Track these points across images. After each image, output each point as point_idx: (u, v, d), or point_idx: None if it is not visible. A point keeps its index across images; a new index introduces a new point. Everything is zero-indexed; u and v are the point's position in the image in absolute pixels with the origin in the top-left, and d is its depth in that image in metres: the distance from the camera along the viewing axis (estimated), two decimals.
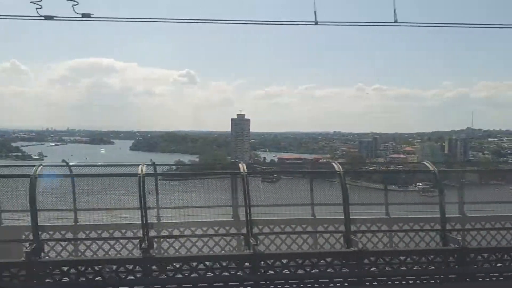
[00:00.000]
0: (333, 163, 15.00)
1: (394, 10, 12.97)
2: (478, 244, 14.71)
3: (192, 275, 12.04)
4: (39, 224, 12.65)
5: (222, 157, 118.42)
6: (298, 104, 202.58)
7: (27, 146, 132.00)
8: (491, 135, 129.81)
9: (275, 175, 20.13)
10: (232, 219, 14.48)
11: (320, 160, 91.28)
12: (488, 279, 13.06)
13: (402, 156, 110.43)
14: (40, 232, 12.76)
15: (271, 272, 12.35)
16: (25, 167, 17.11)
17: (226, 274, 12.15)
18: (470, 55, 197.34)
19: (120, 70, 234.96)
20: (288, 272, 12.38)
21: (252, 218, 13.02)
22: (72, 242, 13.95)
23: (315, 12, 12.67)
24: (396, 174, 30.36)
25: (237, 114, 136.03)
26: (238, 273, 12.26)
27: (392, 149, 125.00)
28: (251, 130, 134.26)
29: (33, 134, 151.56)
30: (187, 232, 14.11)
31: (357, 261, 12.67)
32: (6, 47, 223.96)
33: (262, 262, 12.37)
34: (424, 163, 15.60)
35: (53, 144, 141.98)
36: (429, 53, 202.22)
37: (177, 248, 13.85)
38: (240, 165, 13.89)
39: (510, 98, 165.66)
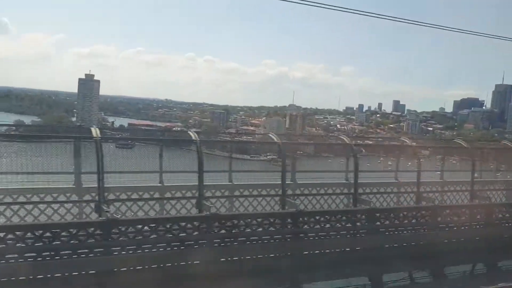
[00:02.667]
0: (189, 132, 15.61)
1: None
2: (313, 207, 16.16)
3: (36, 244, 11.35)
4: None
5: (67, 119, 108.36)
6: (127, 67, 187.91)
7: None
8: (317, 113, 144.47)
9: (130, 141, 19.12)
10: (74, 186, 13.58)
11: (174, 129, 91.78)
12: (317, 238, 14.80)
13: (251, 128, 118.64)
14: None
15: (123, 238, 12.19)
16: None
17: (76, 241, 11.74)
18: (289, 37, 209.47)
19: None
20: (141, 238, 12.40)
21: (105, 185, 12.84)
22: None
23: None
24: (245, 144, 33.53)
25: (85, 74, 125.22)
26: (89, 241, 11.86)
27: (241, 121, 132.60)
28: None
29: None
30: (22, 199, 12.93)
31: (208, 224, 13.29)
32: None
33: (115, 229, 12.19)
34: (270, 135, 16.88)
35: None
36: (254, 31, 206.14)
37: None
38: (92, 129, 13.34)
39: (321, 80, 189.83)
